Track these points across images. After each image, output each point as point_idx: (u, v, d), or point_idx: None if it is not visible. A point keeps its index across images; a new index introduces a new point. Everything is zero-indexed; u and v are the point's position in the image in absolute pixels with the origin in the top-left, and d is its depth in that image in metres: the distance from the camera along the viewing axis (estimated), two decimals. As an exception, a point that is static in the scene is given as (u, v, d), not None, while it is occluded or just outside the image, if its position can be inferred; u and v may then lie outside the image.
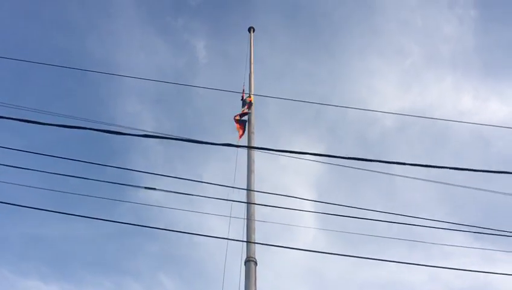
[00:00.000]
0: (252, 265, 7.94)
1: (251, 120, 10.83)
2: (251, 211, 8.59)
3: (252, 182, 9.27)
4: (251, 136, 10.55)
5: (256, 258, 8.04)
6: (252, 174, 9.43)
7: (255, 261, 8.01)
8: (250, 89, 11.70)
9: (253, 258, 8.03)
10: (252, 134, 10.60)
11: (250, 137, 10.54)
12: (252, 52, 12.68)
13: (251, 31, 13.27)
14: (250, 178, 9.35)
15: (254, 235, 8.38)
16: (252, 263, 7.96)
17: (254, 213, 8.58)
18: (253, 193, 8.92)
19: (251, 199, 8.80)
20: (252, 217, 8.52)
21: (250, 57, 12.56)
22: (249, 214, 8.56)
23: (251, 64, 12.32)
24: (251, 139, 10.51)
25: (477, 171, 6.66)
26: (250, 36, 13.16)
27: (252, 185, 9.20)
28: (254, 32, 13.29)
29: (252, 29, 13.30)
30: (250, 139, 10.51)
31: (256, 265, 7.99)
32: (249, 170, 9.51)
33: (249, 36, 13.17)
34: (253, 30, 13.30)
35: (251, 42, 12.98)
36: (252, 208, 8.63)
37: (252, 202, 8.74)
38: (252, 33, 13.24)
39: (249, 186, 9.14)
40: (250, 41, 13.00)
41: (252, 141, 10.43)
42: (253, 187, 9.13)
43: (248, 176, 9.41)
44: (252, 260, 8.00)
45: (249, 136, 10.56)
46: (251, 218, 8.51)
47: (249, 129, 10.69)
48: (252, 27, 13.35)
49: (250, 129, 10.69)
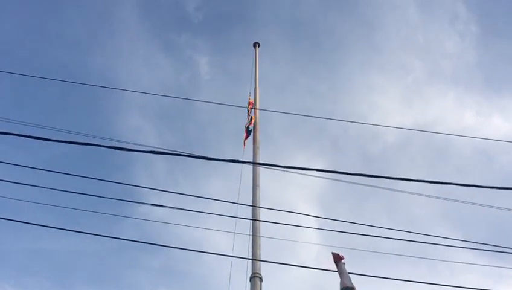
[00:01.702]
0: (257, 281, 7.91)
1: (256, 136, 10.83)
2: (256, 227, 8.57)
3: (258, 198, 9.25)
4: (256, 151, 10.55)
5: (261, 274, 8.01)
6: (257, 189, 9.42)
7: (261, 277, 7.98)
8: (256, 104, 11.73)
9: (259, 274, 8.00)
10: (258, 149, 10.60)
11: (255, 152, 10.53)
12: (257, 68, 12.73)
13: (256, 47, 13.34)
14: (255, 193, 9.34)
15: (259, 251, 8.34)
16: (257, 278, 7.93)
17: (259, 229, 8.56)
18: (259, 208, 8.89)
19: (256, 214, 8.77)
20: (257, 233, 8.49)
21: (255, 72, 12.62)
22: (254, 230, 8.53)
23: (256, 80, 12.37)
24: (256, 154, 10.50)
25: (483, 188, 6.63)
26: (255, 51, 13.24)
27: (257, 200, 9.18)
28: (259, 48, 13.35)
29: (257, 45, 13.38)
30: (255, 154, 10.50)
31: (262, 281, 7.96)
32: (254, 185, 9.50)
33: (254, 52, 13.25)
34: (258, 46, 13.38)
35: (256, 57, 13.04)
36: (257, 224, 8.60)
37: (258, 217, 8.71)
38: (257, 48, 13.32)
39: (254, 202, 9.12)
40: (255, 57, 13.07)
41: (257, 156, 10.42)
42: (259, 202, 9.10)
43: (253, 191, 9.39)
44: (258, 275, 7.97)
45: (254, 152, 10.56)
46: (256, 234, 8.48)
47: (254, 144, 10.69)
48: (257, 42, 13.43)
49: (256, 144, 10.69)
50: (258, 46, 13.39)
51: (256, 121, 11.20)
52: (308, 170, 7.18)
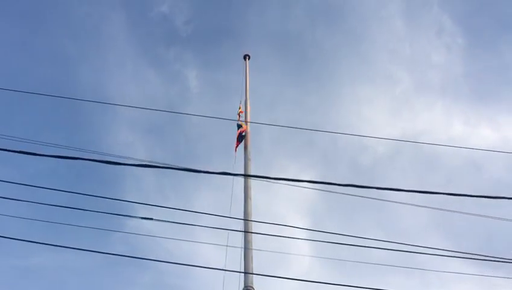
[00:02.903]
0: (250, 294, 7.87)
1: (247, 147, 10.82)
2: (248, 239, 8.53)
3: (249, 210, 9.23)
4: (248, 163, 10.53)
5: (254, 287, 7.97)
6: (249, 201, 9.40)
7: (253, 290, 7.94)
8: (246, 116, 11.73)
9: (251, 287, 7.96)
10: (249, 161, 10.59)
11: (246, 164, 10.52)
12: (247, 80, 12.75)
13: (246, 59, 13.37)
14: (247, 205, 9.31)
15: (252, 264, 8.31)
16: (250, 292, 7.89)
17: (252, 242, 8.52)
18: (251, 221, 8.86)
19: (249, 227, 8.74)
20: (249, 246, 8.46)
21: (246, 84, 12.62)
22: (246, 243, 8.50)
23: (247, 92, 12.38)
24: (248, 166, 10.49)
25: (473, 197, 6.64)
26: (246, 63, 13.26)
27: (249, 212, 9.15)
28: (249, 60, 13.37)
29: (247, 57, 13.41)
30: (246, 166, 10.49)
31: (255, 294, 7.92)
32: (246, 197, 9.47)
33: (244, 64, 13.26)
34: (248, 58, 13.40)
35: (246, 69, 13.06)
36: (250, 236, 8.56)
37: (250, 230, 8.68)
38: (248, 60, 13.34)
39: (246, 214, 9.10)
40: (246, 69, 13.09)
41: (249, 168, 10.40)
42: (251, 214, 9.07)
43: (245, 204, 9.37)
44: (250, 289, 7.93)
45: (245, 163, 10.54)
46: (248, 247, 8.45)
47: (246, 156, 10.68)
48: (247, 54, 13.45)
49: (247, 156, 10.67)
50: (249, 58, 13.42)
51: (247, 133, 11.19)
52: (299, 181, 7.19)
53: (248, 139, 11.01)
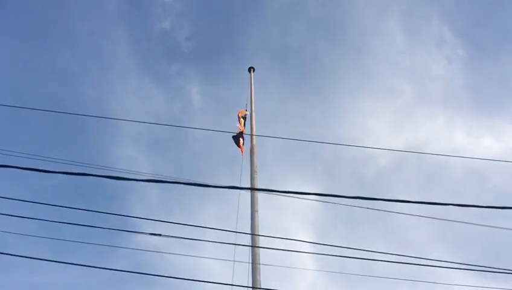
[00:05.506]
0: (258, 308, 7.84)
1: (253, 160, 10.81)
2: (256, 253, 8.50)
3: (257, 223, 9.20)
4: (254, 176, 10.52)
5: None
6: (256, 214, 9.37)
7: (262, 305, 7.91)
8: (252, 128, 11.74)
9: (259, 301, 7.93)
10: (255, 173, 10.57)
11: (253, 177, 10.50)
12: (252, 92, 12.78)
13: (251, 71, 13.42)
14: (254, 219, 9.28)
15: (260, 277, 8.28)
16: (258, 306, 7.86)
17: (259, 256, 8.50)
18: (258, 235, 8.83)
19: (256, 241, 8.71)
20: (256, 260, 8.43)
21: (251, 96, 12.65)
22: (254, 257, 8.47)
23: (252, 104, 12.40)
24: (254, 178, 10.47)
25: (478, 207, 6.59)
26: (251, 76, 13.30)
27: (256, 226, 9.12)
28: (254, 72, 13.42)
29: (252, 69, 13.46)
30: (253, 178, 10.47)
31: (263, 308, 7.88)
32: (252, 211, 9.45)
33: (249, 76, 13.31)
34: (253, 70, 13.45)
35: (251, 82, 13.10)
36: (257, 250, 8.53)
37: (257, 244, 8.65)
38: (252, 73, 13.38)
39: (253, 228, 9.07)
40: (251, 81, 13.13)
41: (255, 182, 10.39)
42: (258, 228, 9.05)
43: (252, 217, 9.34)
44: (258, 303, 7.90)
45: (252, 177, 10.53)
46: (256, 261, 8.42)
47: (252, 169, 10.67)
48: (252, 67, 13.51)
49: (253, 169, 10.66)
50: (253, 70, 13.47)
51: (253, 145, 11.19)
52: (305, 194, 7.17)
53: (254, 153, 11.00)
